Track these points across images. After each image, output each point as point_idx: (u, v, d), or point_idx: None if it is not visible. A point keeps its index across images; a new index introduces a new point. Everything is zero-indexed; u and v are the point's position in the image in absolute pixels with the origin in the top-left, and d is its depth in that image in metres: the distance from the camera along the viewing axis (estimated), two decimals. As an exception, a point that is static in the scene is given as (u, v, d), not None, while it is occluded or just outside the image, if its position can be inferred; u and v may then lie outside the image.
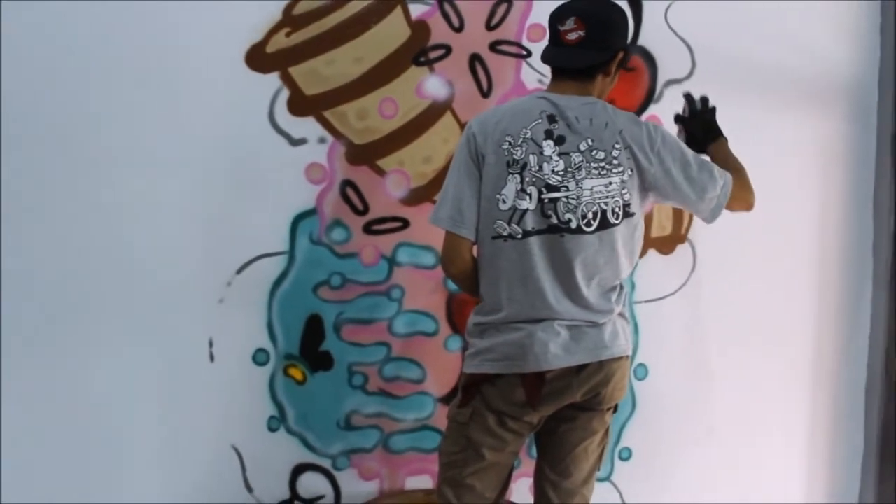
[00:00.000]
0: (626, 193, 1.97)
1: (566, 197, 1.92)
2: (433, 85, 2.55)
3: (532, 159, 1.92)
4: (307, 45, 2.44)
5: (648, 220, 2.72)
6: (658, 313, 2.75)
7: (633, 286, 2.72)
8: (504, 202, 1.92)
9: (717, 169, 2.07)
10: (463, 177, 1.96)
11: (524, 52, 2.59)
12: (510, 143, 1.92)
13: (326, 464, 2.53)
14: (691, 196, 2.04)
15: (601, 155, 1.95)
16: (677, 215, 2.75)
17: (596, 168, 1.94)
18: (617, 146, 1.97)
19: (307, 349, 2.50)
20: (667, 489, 2.79)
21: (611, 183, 1.95)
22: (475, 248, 2.01)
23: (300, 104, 2.45)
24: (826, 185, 2.89)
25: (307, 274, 2.48)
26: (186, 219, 2.40)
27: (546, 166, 1.92)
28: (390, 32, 2.50)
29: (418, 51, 2.53)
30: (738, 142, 2.72)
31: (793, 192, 2.86)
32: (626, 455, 2.76)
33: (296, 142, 2.45)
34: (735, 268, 2.81)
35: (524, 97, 2.08)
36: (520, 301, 1.94)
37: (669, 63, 2.70)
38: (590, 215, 1.93)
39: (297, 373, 2.50)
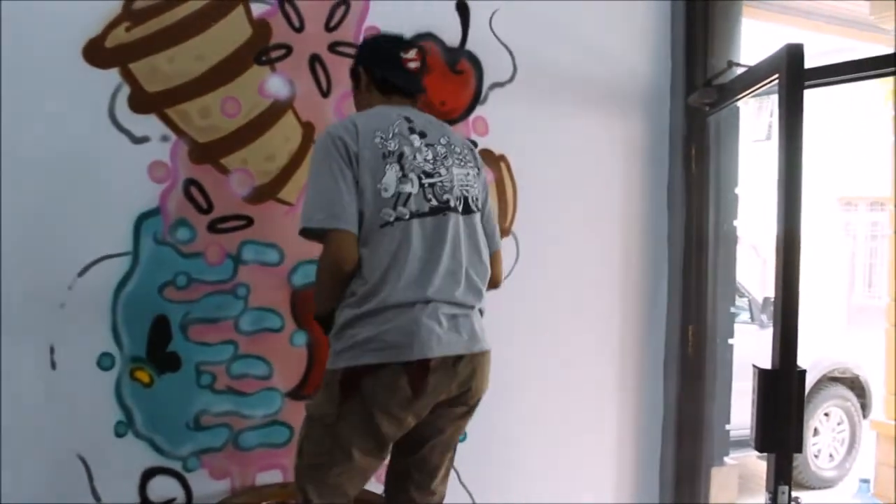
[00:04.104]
0: (477, 186, 2.17)
1: (441, 181, 2.06)
2: (275, 84, 2.59)
3: (407, 150, 2.04)
4: (147, 41, 2.40)
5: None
6: (486, 301, 2.93)
7: (465, 276, 2.89)
8: (386, 190, 1.98)
9: None
10: (337, 178, 1.96)
11: (362, 54, 2.69)
12: (382, 138, 2.02)
13: (177, 466, 2.49)
14: (491, 222, 2.25)
15: (458, 149, 2.15)
16: (503, 210, 2.95)
17: (458, 158, 2.13)
18: (465, 146, 2.21)
19: (154, 351, 2.44)
20: (500, 466, 2.99)
21: (468, 174, 2.14)
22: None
23: (141, 101, 2.40)
24: (628, 181, 3.23)
25: (152, 274, 2.43)
26: (23, 219, 2.27)
27: (419, 156, 2.05)
28: (232, 31, 2.51)
29: (260, 50, 2.55)
30: (551, 140, 3.01)
31: (599, 187, 3.18)
32: (463, 437, 2.91)
33: (138, 140, 2.40)
34: (552, 257, 3.07)
35: (371, 110, 2.13)
36: (404, 280, 1.95)
37: (494, 67, 2.91)
38: (460, 199, 2.09)
39: (143, 375, 2.43)
